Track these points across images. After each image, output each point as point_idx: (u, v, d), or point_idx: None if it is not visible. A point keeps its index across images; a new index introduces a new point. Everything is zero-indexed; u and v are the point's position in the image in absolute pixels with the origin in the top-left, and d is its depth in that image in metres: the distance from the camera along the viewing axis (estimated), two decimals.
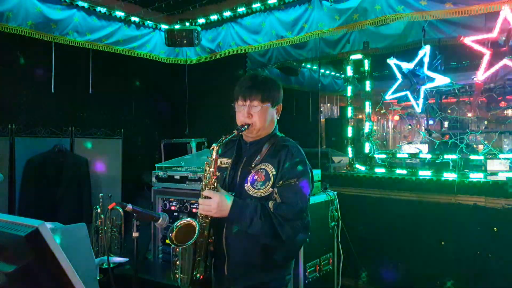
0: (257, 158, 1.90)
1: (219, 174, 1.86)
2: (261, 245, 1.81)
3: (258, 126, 1.91)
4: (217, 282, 2.00)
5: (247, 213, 1.76)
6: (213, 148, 1.84)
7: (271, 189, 1.82)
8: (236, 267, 1.84)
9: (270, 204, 1.80)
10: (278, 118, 2.03)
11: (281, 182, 1.83)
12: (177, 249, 1.83)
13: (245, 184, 1.88)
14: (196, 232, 1.77)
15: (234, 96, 1.96)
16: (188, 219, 1.81)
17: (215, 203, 1.76)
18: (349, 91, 5.41)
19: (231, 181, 1.96)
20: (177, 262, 1.87)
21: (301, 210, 1.82)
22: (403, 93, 5.23)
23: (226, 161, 2.03)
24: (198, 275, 1.85)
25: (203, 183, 1.84)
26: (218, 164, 2.03)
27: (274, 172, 1.83)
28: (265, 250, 1.83)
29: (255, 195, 1.84)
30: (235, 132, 1.89)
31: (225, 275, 1.89)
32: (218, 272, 1.95)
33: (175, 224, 1.80)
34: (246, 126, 1.89)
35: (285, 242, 1.80)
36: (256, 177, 1.86)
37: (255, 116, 1.89)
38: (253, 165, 1.89)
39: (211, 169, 1.82)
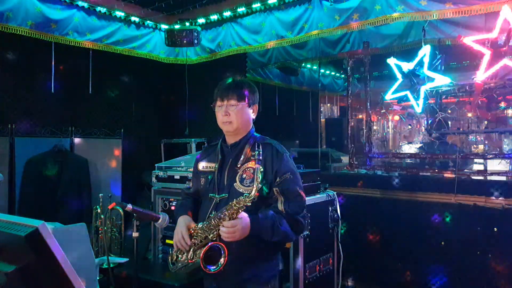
0: (241, 159, 2.03)
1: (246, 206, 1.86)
2: (255, 239, 1.88)
3: (235, 124, 2.04)
4: (211, 277, 2.05)
5: (266, 223, 1.87)
6: (253, 196, 1.80)
7: (260, 185, 1.86)
8: (231, 263, 1.87)
9: (280, 206, 1.94)
10: (254, 118, 2.16)
11: (278, 179, 1.97)
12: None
13: (234, 183, 1.99)
14: (223, 251, 1.82)
15: (214, 98, 2.11)
16: (208, 245, 1.84)
17: (239, 230, 1.82)
18: (349, 91, 5.41)
19: (219, 182, 2.06)
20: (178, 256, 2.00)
21: (305, 200, 2.03)
22: (403, 93, 5.23)
23: (211, 165, 2.14)
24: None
25: (226, 212, 1.83)
26: (201, 169, 2.19)
27: (262, 170, 1.88)
28: (258, 243, 1.91)
29: (246, 192, 1.89)
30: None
31: (221, 271, 1.91)
32: None
33: (198, 257, 1.84)
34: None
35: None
36: (244, 175, 1.98)
37: (232, 114, 2.03)
38: (239, 165, 2.02)
39: (241, 205, 1.81)
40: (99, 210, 3.37)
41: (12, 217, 1.12)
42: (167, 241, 3.56)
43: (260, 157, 1.86)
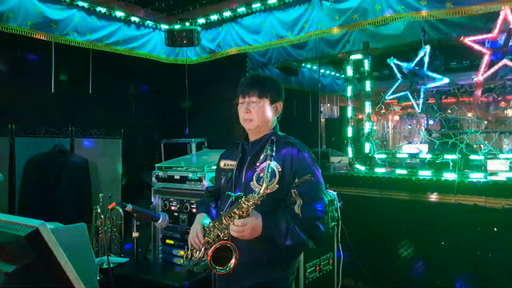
0: (261, 157, 1.94)
1: (256, 204, 1.79)
2: (268, 243, 1.82)
3: (256, 121, 1.97)
4: (221, 280, 2.02)
5: (280, 225, 1.78)
6: (262, 194, 1.72)
7: (277, 185, 1.82)
8: (243, 266, 1.83)
9: (297, 209, 1.83)
10: (278, 116, 2.08)
11: (296, 180, 1.86)
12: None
13: (251, 182, 1.91)
14: (234, 252, 1.77)
15: (237, 95, 2.05)
16: (217, 244, 1.79)
17: (248, 229, 1.76)
18: (349, 91, 5.41)
19: (237, 181, 2.00)
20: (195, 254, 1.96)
21: (326, 204, 1.88)
22: (403, 93, 5.24)
23: (231, 163, 2.08)
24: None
25: (236, 210, 1.77)
26: (222, 166, 2.14)
27: (280, 169, 1.84)
28: (272, 248, 1.84)
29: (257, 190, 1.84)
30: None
31: (231, 274, 1.89)
32: None
33: (206, 256, 1.80)
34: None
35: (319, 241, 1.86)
36: (262, 174, 1.86)
37: (253, 112, 1.97)
38: (257, 164, 1.94)
39: (250, 202, 1.74)
40: (99, 210, 3.37)
41: (12, 217, 1.12)
42: (167, 241, 3.56)
43: (273, 153, 1.76)
